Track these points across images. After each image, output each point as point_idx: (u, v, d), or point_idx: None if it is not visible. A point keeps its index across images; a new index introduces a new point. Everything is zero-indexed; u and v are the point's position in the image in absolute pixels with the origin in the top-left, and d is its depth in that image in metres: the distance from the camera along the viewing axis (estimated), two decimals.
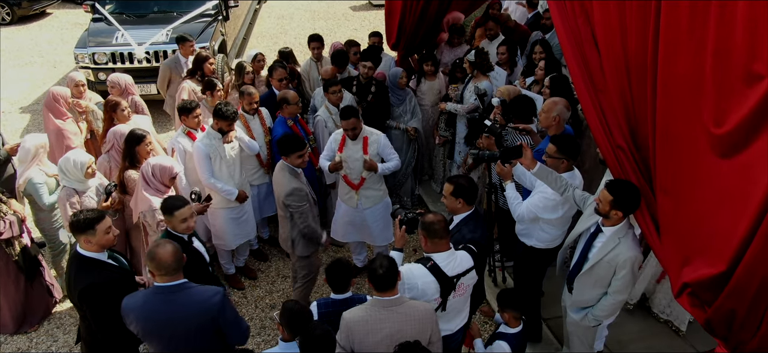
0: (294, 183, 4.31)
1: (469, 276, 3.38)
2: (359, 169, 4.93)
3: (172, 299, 3.09)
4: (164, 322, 3.09)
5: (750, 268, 2.52)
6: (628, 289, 3.53)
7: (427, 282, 3.25)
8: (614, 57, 3.20)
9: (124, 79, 6.20)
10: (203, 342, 3.19)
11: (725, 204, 2.60)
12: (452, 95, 6.16)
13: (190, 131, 5.13)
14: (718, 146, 2.60)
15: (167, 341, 3.14)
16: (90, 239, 3.33)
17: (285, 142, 4.37)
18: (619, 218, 3.36)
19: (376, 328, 3.01)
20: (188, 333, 3.13)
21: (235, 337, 3.33)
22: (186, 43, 7.18)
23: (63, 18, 14.48)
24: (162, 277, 3.08)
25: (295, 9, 15.13)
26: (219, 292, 3.21)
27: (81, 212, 3.41)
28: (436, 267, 3.25)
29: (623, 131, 3.28)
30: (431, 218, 3.30)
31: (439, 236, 3.27)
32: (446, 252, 3.30)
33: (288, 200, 4.28)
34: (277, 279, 5.69)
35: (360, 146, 4.91)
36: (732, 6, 2.43)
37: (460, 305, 3.48)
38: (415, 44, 7.24)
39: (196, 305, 3.12)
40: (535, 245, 4.21)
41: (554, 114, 4.36)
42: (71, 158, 4.47)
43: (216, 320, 3.16)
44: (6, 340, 4.91)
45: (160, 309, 3.08)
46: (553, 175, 3.79)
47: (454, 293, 3.33)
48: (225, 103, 4.92)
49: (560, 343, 4.57)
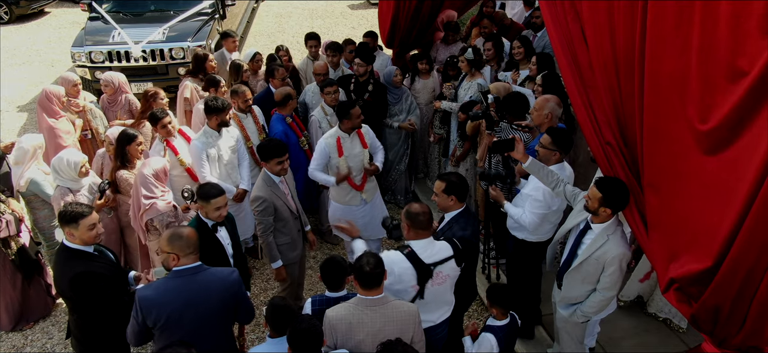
0: (262, 192, 4.22)
1: (448, 265, 3.39)
2: (359, 166, 4.91)
3: (193, 279, 3.15)
4: (185, 304, 3.12)
5: (735, 263, 2.53)
6: (617, 286, 3.55)
7: (404, 268, 3.29)
8: (603, 54, 3.22)
9: (118, 78, 6.21)
10: (222, 321, 3.27)
11: (711, 200, 2.62)
12: (447, 94, 6.18)
13: (168, 140, 5.05)
14: (703, 142, 2.62)
15: (187, 323, 3.14)
16: (73, 232, 3.39)
17: (265, 148, 4.29)
18: (607, 215, 3.38)
19: (358, 327, 3.03)
20: (210, 312, 3.18)
21: (246, 315, 3.47)
22: (229, 38, 7.27)
23: (61, 17, 14.50)
24: (186, 257, 3.14)
25: (293, 7, 15.14)
26: (234, 271, 3.34)
27: (71, 205, 3.47)
28: (413, 254, 3.30)
29: (612, 128, 3.30)
30: (417, 208, 3.36)
31: (422, 227, 3.33)
32: (425, 240, 3.34)
33: (252, 206, 4.24)
34: (271, 278, 5.71)
35: (357, 141, 4.90)
36: (716, 3, 2.45)
37: (441, 295, 3.48)
38: (410, 42, 7.27)
39: (218, 282, 3.21)
40: (526, 238, 4.24)
41: (546, 111, 4.39)
42: (65, 158, 4.49)
43: (236, 296, 3.27)
44: (1, 337, 4.93)
45: (182, 291, 3.12)
46: (544, 169, 3.82)
47: (432, 281, 3.35)
48: (212, 98, 4.94)
49: (552, 340, 4.59)
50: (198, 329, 3.16)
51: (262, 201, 4.20)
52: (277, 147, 4.27)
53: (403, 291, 3.33)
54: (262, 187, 4.26)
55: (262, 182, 4.28)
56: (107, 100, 6.29)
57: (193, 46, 8.54)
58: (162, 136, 5.02)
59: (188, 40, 8.72)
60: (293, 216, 4.44)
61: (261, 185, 4.27)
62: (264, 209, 4.20)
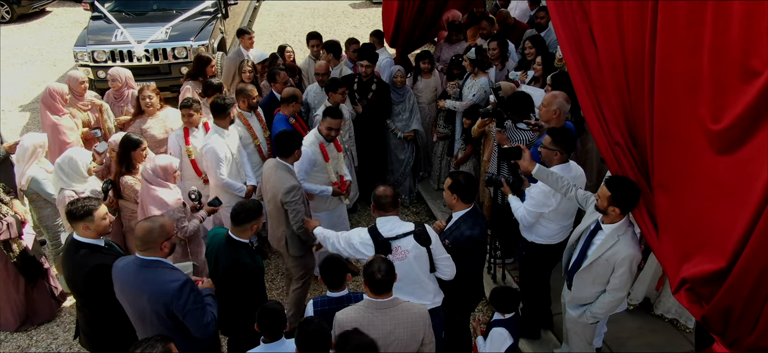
0: (292, 181, 4.28)
1: (407, 241, 3.52)
2: (339, 164, 5.04)
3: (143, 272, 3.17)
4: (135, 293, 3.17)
5: (747, 264, 2.52)
6: (627, 287, 3.53)
7: (364, 239, 3.59)
8: (612, 55, 3.20)
9: (124, 73, 6.24)
10: (165, 329, 3.16)
11: (724, 200, 2.61)
12: (451, 92, 6.17)
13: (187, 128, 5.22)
14: (716, 143, 2.60)
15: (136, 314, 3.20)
16: (89, 226, 3.45)
17: (285, 141, 4.32)
18: (617, 215, 3.37)
19: (368, 329, 3.01)
20: (148, 313, 3.17)
21: (193, 329, 3.22)
22: (245, 35, 7.27)
23: (62, 16, 14.48)
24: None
25: (295, 6, 15.12)
26: (179, 279, 3.16)
27: (78, 201, 3.51)
28: (374, 229, 3.59)
29: (621, 128, 3.28)
30: (381, 190, 3.62)
31: (385, 209, 3.60)
32: (387, 217, 3.60)
33: (287, 198, 4.22)
34: (276, 277, 5.70)
35: (334, 146, 5.02)
36: (728, 3, 2.43)
37: (407, 272, 3.51)
38: (412, 42, 7.26)
39: (156, 284, 3.15)
40: (535, 240, 4.22)
41: (554, 107, 4.38)
42: (71, 156, 4.46)
43: (168, 306, 3.13)
44: (6, 338, 4.92)
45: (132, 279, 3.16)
46: (553, 176, 3.80)
47: (393, 256, 3.44)
48: (220, 97, 4.96)
49: (559, 341, 4.58)
50: None
51: (297, 189, 4.26)
52: (296, 139, 4.37)
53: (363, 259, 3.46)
54: (289, 178, 4.28)
55: (286, 173, 4.30)
56: (113, 95, 6.30)
57: (196, 46, 8.55)
58: (184, 123, 5.18)
59: (191, 39, 8.71)
60: (306, 204, 4.53)
61: (287, 176, 4.29)
62: (300, 197, 4.28)
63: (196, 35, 8.82)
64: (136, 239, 3.19)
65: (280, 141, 4.35)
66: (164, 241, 3.18)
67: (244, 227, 3.66)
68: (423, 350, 3.18)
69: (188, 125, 5.18)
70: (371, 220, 6.46)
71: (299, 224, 4.28)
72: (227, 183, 4.92)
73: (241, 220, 3.65)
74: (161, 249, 3.18)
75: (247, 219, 3.65)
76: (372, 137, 6.25)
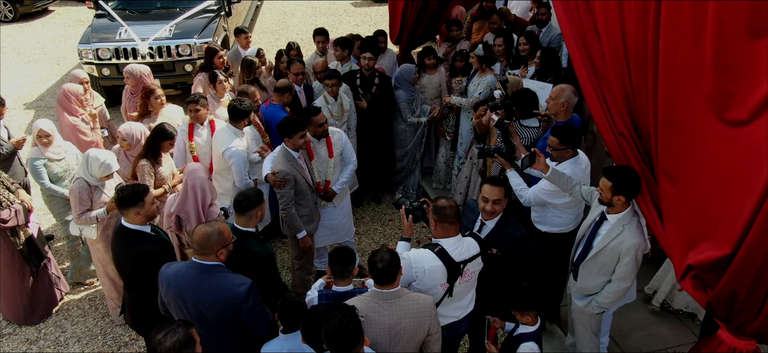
0: (283, 166, 4.39)
1: (475, 262, 3.40)
2: (327, 169, 4.92)
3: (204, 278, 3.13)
4: (195, 301, 3.14)
5: (751, 250, 2.55)
6: (632, 276, 3.56)
7: (435, 266, 3.28)
8: (615, 46, 3.24)
9: (139, 69, 6.25)
10: (226, 331, 3.20)
11: (730, 188, 2.63)
12: (456, 88, 6.20)
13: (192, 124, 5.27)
14: (721, 131, 2.64)
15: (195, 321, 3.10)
16: (139, 211, 3.55)
17: (287, 124, 4.42)
18: (622, 204, 3.40)
19: (374, 319, 3.02)
20: (212, 317, 3.16)
21: (260, 329, 3.27)
22: (242, 34, 7.32)
23: (65, 15, 14.52)
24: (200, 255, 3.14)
25: (297, 5, 15.15)
26: (246, 282, 3.17)
27: (127, 187, 3.59)
28: (443, 252, 3.29)
29: (625, 119, 3.32)
30: (443, 203, 3.34)
31: (449, 221, 3.31)
32: (454, 238, 3.34)
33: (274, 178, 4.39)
34: (282, 271, 5.73)
35: (325, 149, 4.89)
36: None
37: (465, 292, 3.50)
38: (416, 39, 7.30)
39: (224, 289, 3.12)
40: (549, 230, 4.25)
41: (562, 100, 4.41)
42: (100, 159, 4.34)
43: (237, 309, 3.14)
44: (14, 331, 4.96)
45: (193, 286, 3.13)
46: (563, 177, 3.85)
47: (461, 278, 3.35)
48: (238, 101, 4.98)
49: (564, 333, 4.61)
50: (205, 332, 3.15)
51: (285, 174, 4.38)
52: (298, 122, 4.43)
53: (431, 289, 3.31)
54: (282, 162, 4.42)
55: (282, 158, 4.44)
56: (130, 91, 6.33)
57: (200, 43, 8.58)
58: (191, 118, 5.22)
59: (194, 37, 8.76)
60: (310, 190, 4.60)
61: (281, 160, 4.42)
62: (285, 180, 4.38)
63: (200, 33, 8.86)
64: (194, 244, 3.14)
65: (280, 127, 4.46)
66: (221, 248, 3.14)
67: (248, 214, 3.67)
68: (429, 340, 3.20)
69: (194, 120, 5.22)
70: (375, 216, 6.54)
71: (284, 210, 4.48)
72: (247, 186, 4.98)
73: (244, 208, 3.66)
74: (217, 256, 3.15)
75: (250, 206, 3.66)
76: (377, 131, 6.28)
